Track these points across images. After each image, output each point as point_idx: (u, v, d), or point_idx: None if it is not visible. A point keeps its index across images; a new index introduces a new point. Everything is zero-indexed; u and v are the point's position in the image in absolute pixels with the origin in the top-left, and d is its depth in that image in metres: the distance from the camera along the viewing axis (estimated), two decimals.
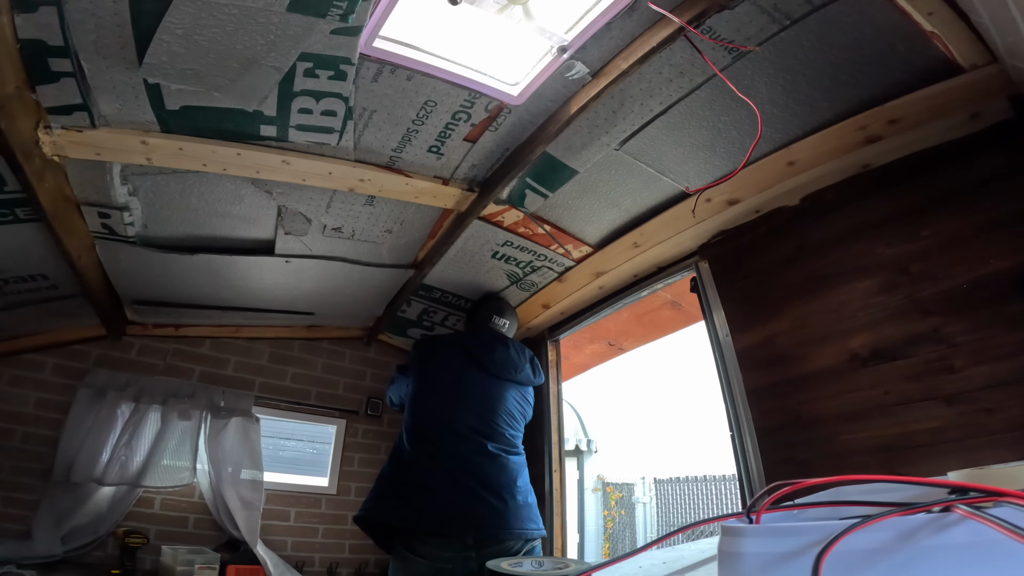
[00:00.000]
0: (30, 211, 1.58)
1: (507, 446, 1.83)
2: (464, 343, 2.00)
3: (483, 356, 1.94)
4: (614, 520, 6.67)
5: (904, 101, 1.31)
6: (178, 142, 1.45)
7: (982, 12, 1.01)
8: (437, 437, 1.77)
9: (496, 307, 2.24)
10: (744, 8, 1.17)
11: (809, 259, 1.55)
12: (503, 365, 1.94)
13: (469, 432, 1.78)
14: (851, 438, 1.35)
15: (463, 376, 1.91)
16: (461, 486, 1.66)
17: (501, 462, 1.76)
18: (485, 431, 1.81)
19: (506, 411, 1.89)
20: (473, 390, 1.88)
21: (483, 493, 1.66)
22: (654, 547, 0.64)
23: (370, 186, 1.69)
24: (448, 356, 1.96)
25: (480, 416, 1.83)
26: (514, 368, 1.96)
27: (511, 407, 1.92)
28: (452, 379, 1.90)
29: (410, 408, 1.90)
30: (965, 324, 1.21)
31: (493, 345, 1.98)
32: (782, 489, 0.44)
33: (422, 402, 1.88)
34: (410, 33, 1.26)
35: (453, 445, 1.75)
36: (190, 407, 2.50)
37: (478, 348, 1.97)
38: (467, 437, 1.78)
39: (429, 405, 1.86)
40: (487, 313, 2.21)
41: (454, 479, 1.67)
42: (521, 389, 2.00)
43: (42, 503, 2.11)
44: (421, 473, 1.71)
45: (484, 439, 1.79)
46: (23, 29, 1.09)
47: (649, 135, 1.56)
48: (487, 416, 1.84)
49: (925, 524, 0.33)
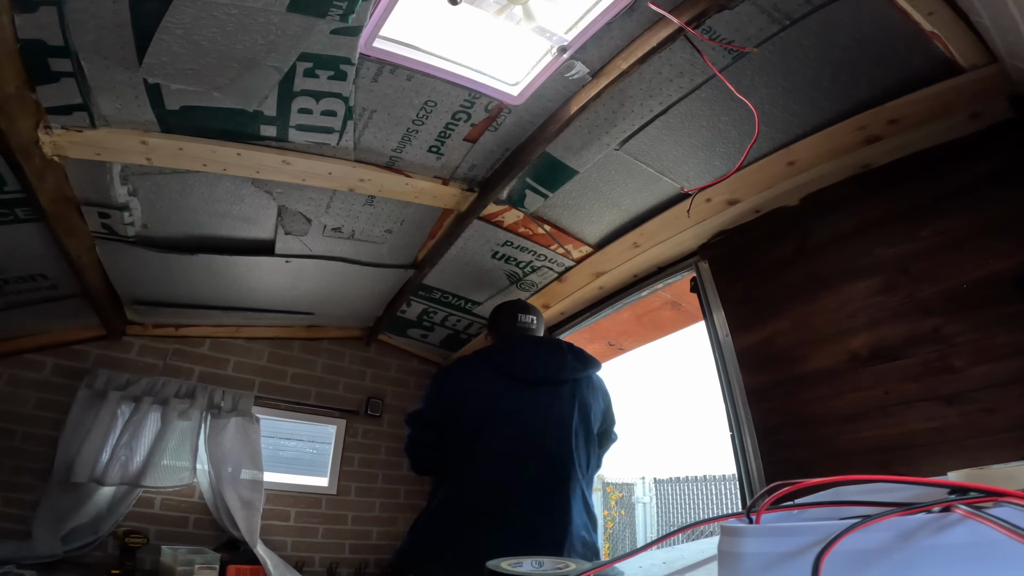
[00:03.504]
0: (30, 211, 1.57)
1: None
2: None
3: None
4: (614, 520, 6.67)
5: (904, 101, 1.31)
6: (178, 142, 1.45)
7: (982, 12, 1.00)
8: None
9: (516, 305, 1.89)
10: (744, 8, 1.17)
11: (809, 259, 1.55)
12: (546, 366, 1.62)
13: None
14: (851, 438, 1.35)
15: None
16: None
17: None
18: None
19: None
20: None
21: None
22: (654, 547, 0.64)
23: (370, 186, 1.69)
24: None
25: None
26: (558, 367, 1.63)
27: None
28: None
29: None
30: (965, 324, 1.21)
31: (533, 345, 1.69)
32: (782, 489, 0.44)
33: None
34: (410, 33, 1.26)
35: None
36: (190, 407, 2.50)
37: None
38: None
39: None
40: (510, 314, 1.85)
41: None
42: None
43: (42, 503, 2.11)
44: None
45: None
46: (23, 29, 1.09)
47: (649, 135, 1.56)
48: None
49: (925, 524, 0.33)
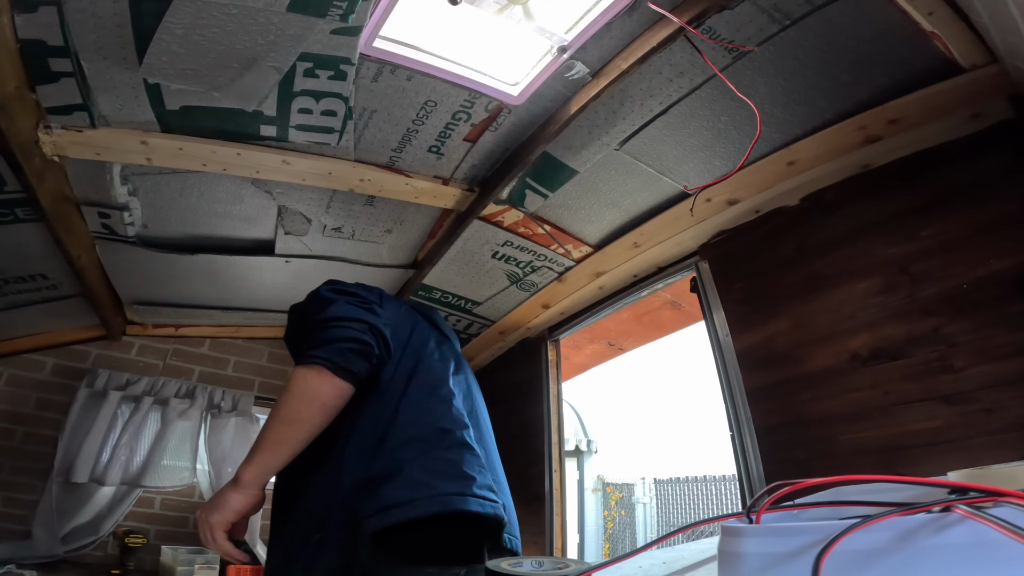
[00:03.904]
0: (30, 211, 1.58)
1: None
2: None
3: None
4: (614, 520, 6.67)
5: (904, 101, 1.31)
6: (178, 142, 1.45)
7: (982, 12, 1.00)
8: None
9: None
10: (744, 8, 1.17)
11: (809, 259, 1.55)
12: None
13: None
14: (851, 438, 1.35)
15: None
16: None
17: None
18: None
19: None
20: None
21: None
22: (654, 547, 0.64)
23: (370, 186, 1.69)
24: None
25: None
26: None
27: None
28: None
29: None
30: (965, 324, 1.21)
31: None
32: (782, 489, 0.44)
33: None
34: (410, 33, 1.26)
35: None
36: (190, 407, 2.50)
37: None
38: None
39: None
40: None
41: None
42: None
43: (42, 503, 2.11)
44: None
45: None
46: (23, 29, 1.09)
47: (649, 135, 1.56)
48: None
49: (925, 524, 0.33)
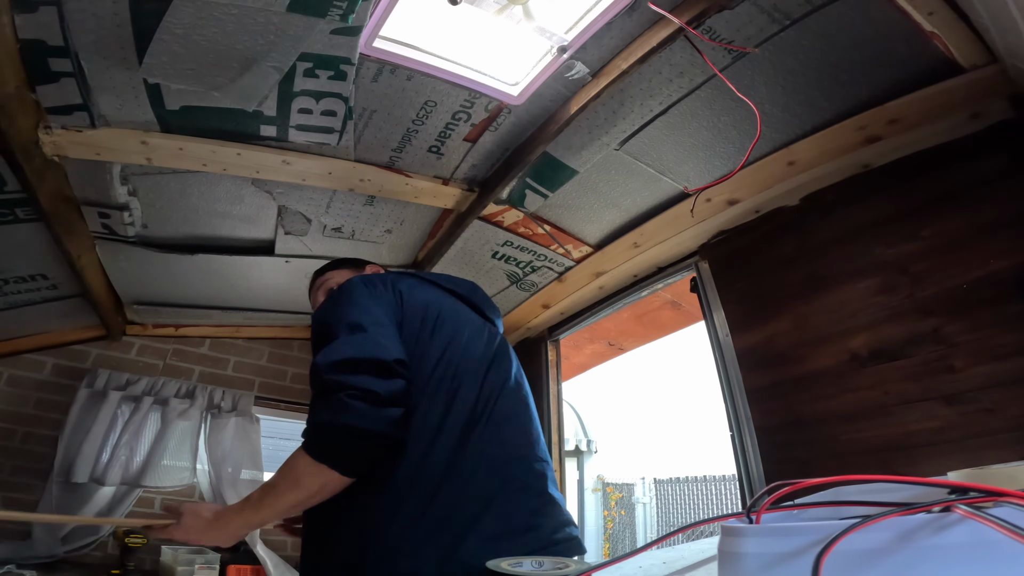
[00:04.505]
0: (30, 211, 1.57)
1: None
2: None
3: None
4: (614, 520, 6.67)
5: (904, 101, 1.31)
6: (178, 142, 1.45)
7: (982, 12, 1.00)
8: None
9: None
10: (744, 8, 1.17)
11: (809, 259, 1.55)
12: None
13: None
14: (851, 438, 1.35)
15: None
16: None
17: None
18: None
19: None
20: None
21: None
22: (654, 547, 0.64)
23: (370, 186, 1.69)
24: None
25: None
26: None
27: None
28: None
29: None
30: (965, 324, 1.21)
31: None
32: (782, 489, 0.44)
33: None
34: (410, 33, 1.26)
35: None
36: (190, 407, 2.49)
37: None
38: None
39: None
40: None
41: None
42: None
43: (42, 503, 2.11)
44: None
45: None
46: (23, 29, 1.09)
47: (649, 135, 1.56)
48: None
49: (925, 524, 0.33)
